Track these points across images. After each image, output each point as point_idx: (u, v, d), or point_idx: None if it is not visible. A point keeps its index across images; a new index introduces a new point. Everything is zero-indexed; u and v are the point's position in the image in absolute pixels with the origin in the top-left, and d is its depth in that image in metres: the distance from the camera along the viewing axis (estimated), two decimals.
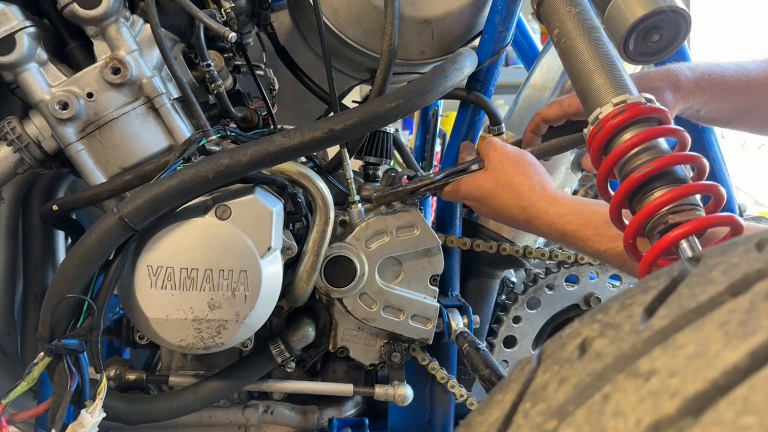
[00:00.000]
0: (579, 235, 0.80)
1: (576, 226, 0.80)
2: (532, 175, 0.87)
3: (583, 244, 0.80)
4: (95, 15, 0.83)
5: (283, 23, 1.21)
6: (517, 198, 0.86)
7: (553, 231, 0.83)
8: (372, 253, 0.98)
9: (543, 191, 0.85)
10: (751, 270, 0.34)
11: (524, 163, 0.89)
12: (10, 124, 0.85)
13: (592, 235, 0.78)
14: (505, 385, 0.38)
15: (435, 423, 1.13)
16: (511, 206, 0.87)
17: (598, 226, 0.78)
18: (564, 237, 0.82)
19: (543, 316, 1.20)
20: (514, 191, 0.86)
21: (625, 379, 0.32)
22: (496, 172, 0.89)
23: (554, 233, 0.83)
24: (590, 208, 0.81)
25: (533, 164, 0.89)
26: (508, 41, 1.02)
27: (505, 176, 0.88)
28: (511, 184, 0.87)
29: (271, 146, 0.81)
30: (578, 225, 0.80)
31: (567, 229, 0.81)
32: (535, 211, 0.84)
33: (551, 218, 0.83)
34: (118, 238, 0.79)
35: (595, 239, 0.78)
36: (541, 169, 0.89)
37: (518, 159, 0.89)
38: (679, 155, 0.65)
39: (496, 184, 0.88)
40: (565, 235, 0.82)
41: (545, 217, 0.83)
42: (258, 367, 0.98)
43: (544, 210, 0.83)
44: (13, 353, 1.04)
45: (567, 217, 0.81)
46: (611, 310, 0.37)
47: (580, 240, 0.80)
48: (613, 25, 0.73)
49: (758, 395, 0.27)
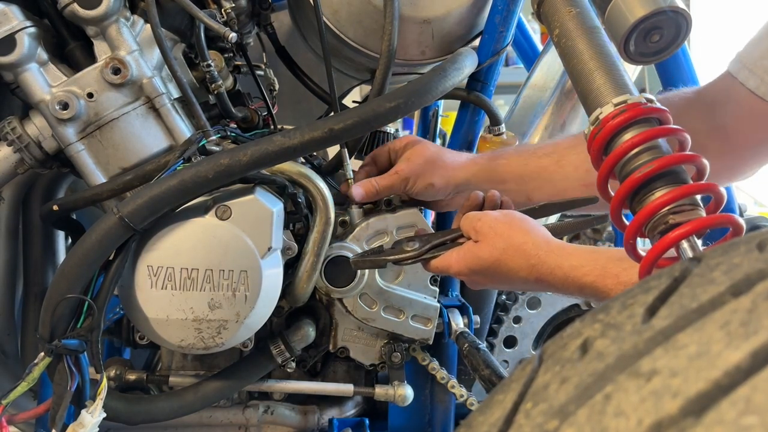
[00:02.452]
0: (599, 286, 0.75)
1: (594, 277, 0.75)
2: (530, 231, 0.82)
3: (605, 295, 0.75)
4: (95, 15, 0.83)
5: (283, 23, 1.21)
6: (524, 258, 0.80)
7: (570, 285, 0.77)
8: None
9: (548, 245, 0.80)
10: (753, 270, 0.34)
11: (516, 220, 0.83)
12: (10, 124, 0.85)
13: (613, 285, 0.73)
14: (506, 385, 0.38)
15: (435, 423, 1.13)
16: (519, 269, 0.80)
17: (618, 274, 0.73)
18: (583, 290, 0.77)
19: (543, 316, 1.20)
20: (518, 252, 0.80)
21: (626, 379, 0.32)
22: (490, 239, 0.82)
23: (571, 287, 0.77)
24: (604, 256, 0.76)
25: (525, 218, 0.84)
26: (508, 41, 1.02)
27: (502, 240, 0.81)
28: (512, 246, 0.80)
29: (271, 146, 0.81)
30: (596, 276, 0.75)
31: (585, 281, 0.75)
32: (546, 267, 0.78)
33: (565, 272, 0.77)
34: (118, 238, 0.79)
35: (617, 288, 0.73)
36: (535, 223, 0.84)
37: (508, 218, 0.84)
38: (679, 155, 0.65)
39: (494, 251, 0.81)
40: (584, 288, 0.76)
41: (559, 272, 0.77)
42: (258, 367, 0.98)
43: (556, 265, 0.78)
44: (13, 353, 1.04)
45: (583, 269, 0.76)
46: (612, 310, 0.37)
47: (600, 291, 0.75)
48: (614, 26, 0.73)
49: (760, 395, 0.27)
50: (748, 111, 0.89)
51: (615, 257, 0.75)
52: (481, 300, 1.19)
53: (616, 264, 0.74)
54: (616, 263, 0.74)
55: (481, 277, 0.85)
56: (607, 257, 0.75)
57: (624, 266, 0.72)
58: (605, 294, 0.74)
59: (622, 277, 0.73)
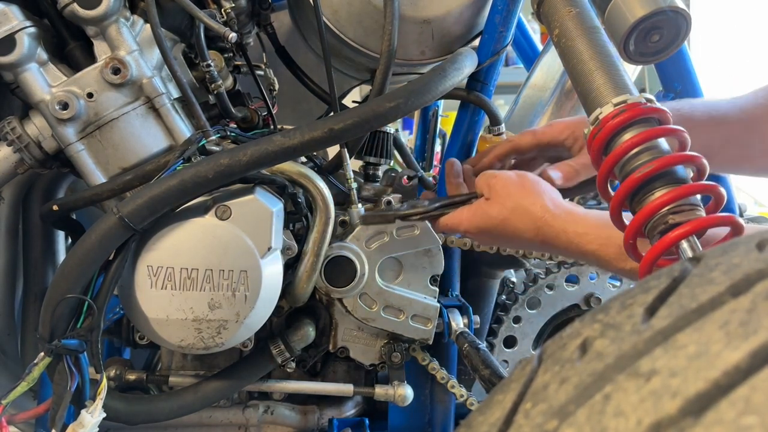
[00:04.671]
0: (602, 255, 0.77)
1: (597, 245, 0.77)
2: (541, 193, 0.83)
3: (607, 264, 0.77)
4: (95, 15, 0.83)
5: (283, 23, 1.21)
6: (530, 220, 0.82)
7: (573, 250, 0.79)
8: (372, 253, 0.98)
9: (557, 208, 0.81)
10: (752, 270, 0.34)
11: (528, 183, 0.85)
12: (10, 124, 0.85)
13: (615, 254, 0.75)
14: (506, 385, 0.38)
15: (435, 423, 1.13)
16: (525, 230, 0.82)
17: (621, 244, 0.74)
18: (585, 256, 0.79)
19: (543, 316, 1.20)
20: (526, 213, 0.82)
21: (626, 379, 0.32)
22: (501, 198, 0.85)
23: (574, 252, 0.79)
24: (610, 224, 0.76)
25: (538, 181, 0.86)
26: (508, 41, 1.02)
27: (512, 200, 0.84)
28: (521, 206, 0.83)
29: (271, 146, 0.81)
30: (600, 244, 0.77)
31: (588, 248, 0.77)
32: (551, 231, 0.80)
33: (570, 237, 0.79)
34: (118, 238, 0.79)
35: (619, 258, 0.75)
36: (547, 186, 0.85)
37: (521, 180, 0.86)
38: (679, 155, 0.65)
39: (503, 210, 0.84)
40: (587, 255, 0.78)
41: (563, 237, 0.79)
42: (258, 367, 0.98)
43: (561, 229, 0.80)
44: (13, 353, 1.04)
45: (587, 236, 0.78)
46: (612, 310, 0.37)
47: (603, 260, 0.77)
48: (614, 26, 0.73)
49: (759, 395, 0.27)
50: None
51: None
52: (481, 300, 1.19)
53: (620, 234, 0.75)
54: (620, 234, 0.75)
55: (488, 236, 0.88)
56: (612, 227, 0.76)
57: None
58: (606, 262, 0.76)
59: None
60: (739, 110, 0.92)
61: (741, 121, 0.91)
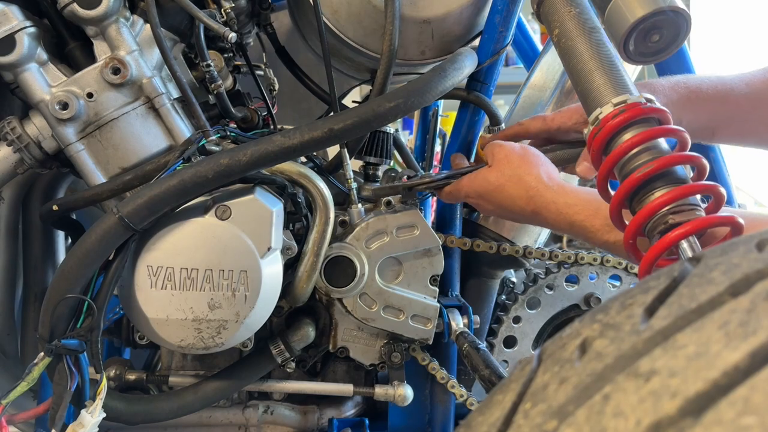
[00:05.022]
0: (588, 225, 0.80)
1: (585, 216, 0.80)
2: (538, 165, 0.87)
3: (592, 235, 0.80)
4: (95, 15, 0.83)
5: (283, 23, 1.21)
6: (524, 189, 0.86)
7: (562, 221, 0.82)
8: (372, 253, 0.98)
9: (550, 180, 0.85)
10: (752, 270, 0.34)
11: (529, 154, 0.89)
12: (10, 124, 0.85)
13: (601, 225, 0.78)
14: (506, 386, 0.38)
15: (435, 423, 1.13)
16: (518, 197, 0.86)
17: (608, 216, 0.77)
18: (573, 227, 0.82)
19: (543, 317, 1.20)
20: (521, 182, 0.86)
21: (625, 379, 0.32)
22: (501, 165, 0.89)
23: (563, 223, 0.83)
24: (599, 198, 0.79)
25: (538, 155, 0.90)
26: (508, 41, 1.02)
27: (510, 168, 0.88)
28: (516, 175, 0.87)
29: (271, 146, 0.81)
30: (587, 215, 0.80)
31: (576, 219, 0.81)
32: (542, 200, 0.84)
33: (559, 208, 0.82)
34: (118, 238, 0.79)
35: (605, 230, 0.78)
36: (546, 160, 0.89)
37: (523, 151, 0.90)
38: (679, 155, 0.65)
39: (501, 176, 0.88)
40: (574, 225, 0.81)
41: (553, 207, 0.83)
42: (258, 367, 0.98)
43: (552, 200, 0.83)
44: (13, 353, 1.04)
45: (576, 207, 0.81)
46: (611, 311, 0.37)
47: (589, 231, 0.80)
48: (613, 26, 0.73)
49: (759, 395, 0.27)
50: None
51: None
52: (481, 300, 1.19)
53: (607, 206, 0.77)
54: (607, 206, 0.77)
55: (486, 201, 0.92)
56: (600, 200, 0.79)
57: None
58: (592, 233, 0.79)
59: None
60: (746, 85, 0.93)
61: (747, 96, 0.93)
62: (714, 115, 0.92)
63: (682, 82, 0.92)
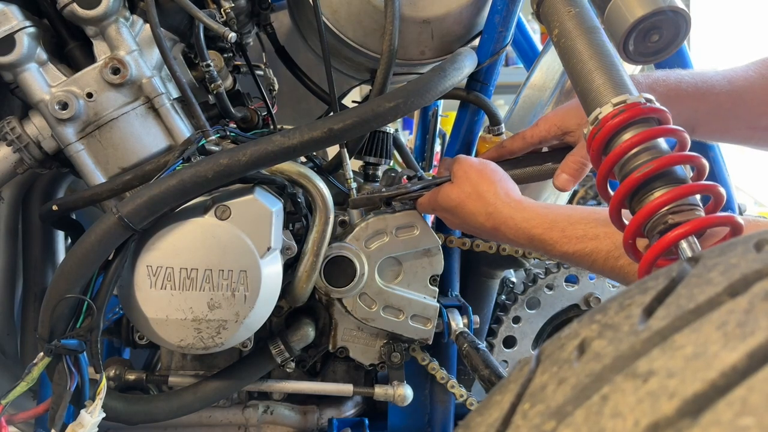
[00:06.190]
0: (546, 238, 0.80)
1: (542, 229, 0.80)
2: (496, 181, 0.88)
3: (551, 248, 0.80)
4: (95, 15, 0.83)
5: (283, 23, 1.21)
6: (483, 205, 0.86)
7: (520, 236, 0.83)
8: (372, 253, 0.98)
9: (507, 197, 0.86)
10: (750, 271, 0.34)
11: (488, 171, 0.89)
12: (9, 124, 0.85)
13: (559, 237, 0.79)
14: (504, 386, 0.38)
15: (435, 423, 1.13)
16: (478, 213, 0.87)
17: (564, 228, 0.78)
18: (532, 241, 0.82)
19: (543, 317, 1.20)
20: (480, 199, 0.87)
21: (623, 379, 0.32)
22: (461, 181, 0.90)
23: (521, 238, 0.83)
24: (555, 211, 0.81)
25: (497, 171, 0.90)
26: (507, 41, 1.02)
27: (470, 185, 0.88)
28: (476, 192, 0.87)
29: (271, 146, 0.81)
30: (544, 229, 0.80)
31: (534, 233, 0.81)
32: (501, 217, 0.84)
33: (517, 223, 0.83)
34: (117, 238, 0.79)
35: (563, 241, 0.78)
36: (504, 176, 0.89)
37: (482, 167, 0.90)
38: (678, 155, 0.65)
39: (461, 193, 0.89)
40: (533, 240, 0.81)
41: (511, 222, 0.83)
42: (258, 367, 0.98)
43: (509, 215, 0.84)
44: (13, 353, 1.04)
45: (533, 221, 0.81)
46: (610, 311, 0.37)
47: (547, 243, 0.80)
48: (613, 25, 0.73)
49: (757, 396, 0.27)
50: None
51: (564, 213, 0.80)
52: (481, 300, 1.19)
53: (564, 218, 0.79)
54: (564, 218, 0.79)
55: (450, 215, 0.93)
56: (557, 213, 0.81)
57: (571, 221, 0.78)
58: (551, 245, 0.80)
59: (567, 231, 0.78)
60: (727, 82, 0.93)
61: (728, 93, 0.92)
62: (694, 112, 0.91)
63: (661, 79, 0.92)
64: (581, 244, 0.77)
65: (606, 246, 0.75)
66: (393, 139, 1.10)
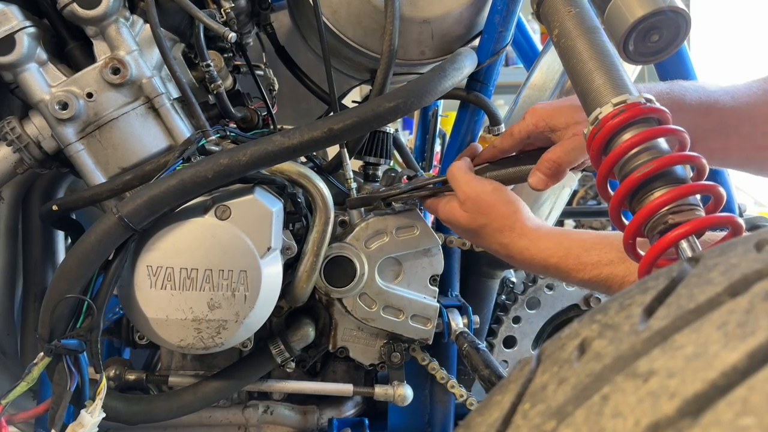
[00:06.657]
0: (561, 267, 0.80)
1: (557, 258, 0.80)
2: (510, 214, 0.86)
3: (567, 275, 0.81)
4: (95, 15, 0.83)
5: (283, 23, 1.21)
6: (497, 237, 0.86)
7: (536, 264, 0.83)
8: (372, 253, 0.98)
9: (523, 229, 0.85)
10: (750, 271, 0.34)
11: (501, 203, 0.86)
12: (9, 124, 0.85)
13: (575, 265, 0.79)
14: (504, 386, 0.38)
15: (435, 423, 1.13)
16: (491, 243, 0.87)
17: (579, 255, 0.79)
18: (547, 270, 0.82)
19: (543, 317, 1.20)
20: (495, 232, 0.86)
21: (624, 379, 0.32)
22: (472, 212, 0.87)
23: (537, 267, 0.84)
24: (570, 237, 0.81)
25: (512, 201, 0.87)
26: (507, 41, 1.02)
27: (483, 217, 0.86)
28: (490, 226, 0.86)
29: (271, 146, 0.81)
30: (560, 257, 0.80)
31: (550, 262, 0.81)
32: (516, 248, 0.84)
33: (533, 254, 0.83)
34: (117, 238, 0.79)
35: (578, 269, 0.79)
36: (519, 203, 0.87)
37: (494, 199, 0.87)
38: (678, 155, 0.65)
39: (473, 223, 0.87)
40: (548, 268, 0.82)
41: (527, 254, 0.84)
42: (258, 367, 0.98)
43: (525, 247, 0.84)
44: (13, 353, 1.04)
45: (548, 251, 0.82)
46: (610, 311, 0.37)
47: (563, 271, 0.81)
48: (613, 25, 0.73)
49: (757, 396, 0.27)
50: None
51: (579, 239, 0.81)
52: (481, 300, 1.19)
53: (578, 246, 0.80)
54: (579, 245, 0.80)
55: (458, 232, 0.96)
56: (571, 240, 0.81)
57: (586, 247, 0.78)
58: (566, 273, 0.81)
59: (582, 257, 0.79)
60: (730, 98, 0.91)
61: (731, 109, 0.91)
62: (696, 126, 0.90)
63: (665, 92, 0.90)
64: (596, 270, 0.77)
65: (621, 271, 0.76)
66: (393, 139, 1.10)
